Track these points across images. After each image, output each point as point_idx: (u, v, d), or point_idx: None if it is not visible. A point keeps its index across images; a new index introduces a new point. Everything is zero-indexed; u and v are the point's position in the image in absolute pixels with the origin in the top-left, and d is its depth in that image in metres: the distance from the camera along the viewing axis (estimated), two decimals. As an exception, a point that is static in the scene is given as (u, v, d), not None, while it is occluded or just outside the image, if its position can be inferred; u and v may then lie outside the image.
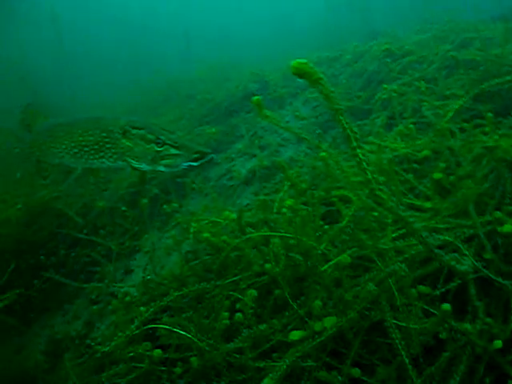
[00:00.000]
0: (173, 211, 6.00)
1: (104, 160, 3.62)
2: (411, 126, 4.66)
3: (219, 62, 13.71)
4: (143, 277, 4.60)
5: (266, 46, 16.42)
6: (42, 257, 6.00)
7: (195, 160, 3.10)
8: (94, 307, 4.72)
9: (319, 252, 2.47)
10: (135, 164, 3.39)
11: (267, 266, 2.68)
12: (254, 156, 6.58)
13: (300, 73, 1.73)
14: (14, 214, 6.14)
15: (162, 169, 3.27)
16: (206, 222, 3.49)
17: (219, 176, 6.62)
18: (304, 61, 1.74)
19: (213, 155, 3.08)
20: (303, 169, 5.12)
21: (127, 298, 3.90)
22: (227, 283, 3.06)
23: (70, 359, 4.67)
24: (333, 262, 2.36)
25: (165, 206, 5.98)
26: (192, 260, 3.95)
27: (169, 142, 3.19)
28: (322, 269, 2.41)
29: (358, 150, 2.23)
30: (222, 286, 2.95)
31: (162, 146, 3.20)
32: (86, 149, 3.65)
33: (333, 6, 15.71)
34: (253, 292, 2.52)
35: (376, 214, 2.82)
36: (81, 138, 3.66)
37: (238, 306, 2.76)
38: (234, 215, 3.18)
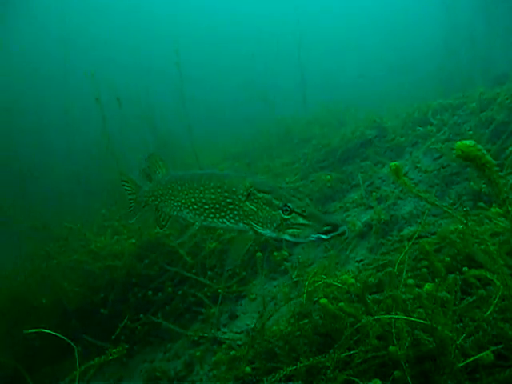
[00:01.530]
0: (282, 259, 5.86)
1: (225, 220, 3.46)
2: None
3: (334, 106, 13.61)
4: (247, 328, 4.48)
5: (383, 89, 16.13)
6: (149, 292, 6.09)
7: (325, 233, 2.77)
8: (197, 354, 4.61)
9: (457, 347, 2.13)
10: (258, 229, 3.21)
11: (391, 348, 2.38)
12: (370, 208, 6.27)
13: (466, 156, 1.49)
14: (128, 247, 6.33)
15: (287, 238, 3.01)
16: (320, 282, 3.24)
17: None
18: (471, 143, 1.50)
19: (346, 228, 2.77)
20: (425, 227, 4.75)
21: (232, 352, 3.75)
22: (341, 350, 2.81)
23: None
24: (472, 359, 2.03)
25: (275, 254, 5.85)
26: (301, 316, 3.74)
27: (297, 210, 2.93)
28: (460, 365, 2.08)
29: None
30: (335, 358, 2.69)
31: (289, 214, 2.95)
32: (206, 206, 3.52)
33: (452, 49, 15.10)
34: (378, 382, 2.25)
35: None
36: (202, 195, 3.55)
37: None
38: (353, 280, 2.92)
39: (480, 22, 15.18)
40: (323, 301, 2.84)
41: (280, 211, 2.98)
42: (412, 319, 2.31)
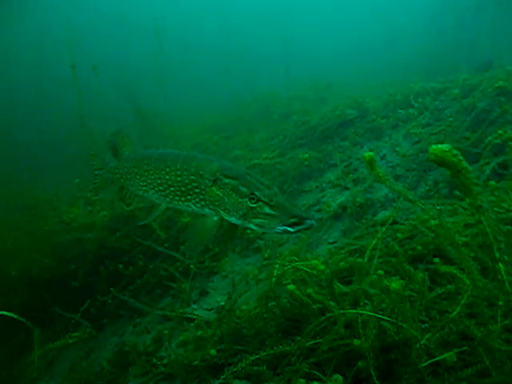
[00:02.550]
0: (255, 237, 5.83)
1: (190, 204, 3.33)
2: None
3: (316, 83, 13.52)
4: (217, 305, 4.44)
5: (367, 68, 16.05)
6: (120, 265, 6.02)
7: (291, 225, 2.63)
8: (165, 332, 4.58)
9: (421, 347, 2.11)
10: (224, 216, 3.07)
11: (356, 342, 2.36)
12: (347, 189, 6.26)
13: (441, 161, 1.43)
14: (100, 219, 6.23)
15: (252, 227, 2.87)
16: (289, 266, 3.20)
17: (307, 206, 6.36)
18: (446, 148, 1.44)
19: (313, 221, 2.67)
20: (399, 213, 4.75)
21: (199, 333, 3.72)
22: (306, 339, 2.80)
23: (135, 375, 4.61)
24: (436, 359, 2.02)
25: (248, 231, 5.82)
26: (270, 299, 3.72)
27: (264, 199, 2.79)
28: (423, 365, 2.06)
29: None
30: (301, 346, 2.67)
31: (255, 203, 2.81)
32: (172, 189, 3.40)
33: (438, 33, 15.06)
34: (339, 378, 2.23)
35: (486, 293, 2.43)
36: (167, 177, 3.41)
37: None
38: (323, 266, 2.88)
39: (467, 8, 15.11)
40: (291, 287, 2.80)
41: (246, 199, 2.85)
42: (378, 316, 2.28)
